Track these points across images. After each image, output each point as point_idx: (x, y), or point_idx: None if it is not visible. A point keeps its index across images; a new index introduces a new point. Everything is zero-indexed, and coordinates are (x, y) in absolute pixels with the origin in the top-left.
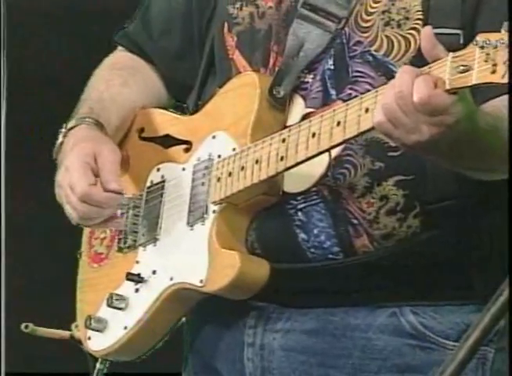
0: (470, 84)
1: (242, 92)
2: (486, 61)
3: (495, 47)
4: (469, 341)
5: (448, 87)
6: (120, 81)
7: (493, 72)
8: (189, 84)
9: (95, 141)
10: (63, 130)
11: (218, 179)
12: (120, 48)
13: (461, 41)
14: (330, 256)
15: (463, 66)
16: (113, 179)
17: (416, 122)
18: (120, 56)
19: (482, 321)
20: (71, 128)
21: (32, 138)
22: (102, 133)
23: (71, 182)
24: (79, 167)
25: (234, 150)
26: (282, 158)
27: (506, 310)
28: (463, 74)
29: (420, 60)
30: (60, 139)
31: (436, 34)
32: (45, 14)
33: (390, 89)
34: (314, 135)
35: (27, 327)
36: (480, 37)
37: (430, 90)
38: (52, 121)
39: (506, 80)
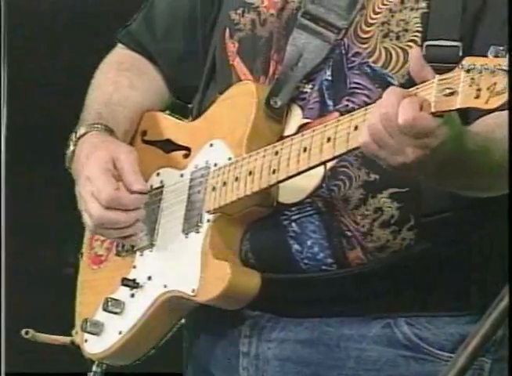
0: (454, 108)
1: (239, 100)
2: (471, 86)
3: (480, 72)
4: (468, 348)
5: (433, 110)
6: (127, 83)
7: (477, 97)
8: (192, 85)
9: (109, 146)
10: (73, 138)
11: (213, 188)
12: (120, 45)
13: (460, 54)
14: (324, 267)
15: (448, 89)
16: (136, 180)
17: (401, 144)
18: (123, 55)
19: (482, 328)
20: (81, 136)
21: (33, 139)
22: (113, 137)
23: (96, 190)
24: (101, 174)
25: (230, 159)
26: (274, 171)
27: (506, 317)
28: (449, 98)
29: None
30: (71, 147)
31: (435, 46)
32: (46, 15)
33: (376, 110)
34: (305, 149)
35: (27, 333)
36: (466, 61)
37: (416, 112)
38: (51, 122)
39: (489, 106)
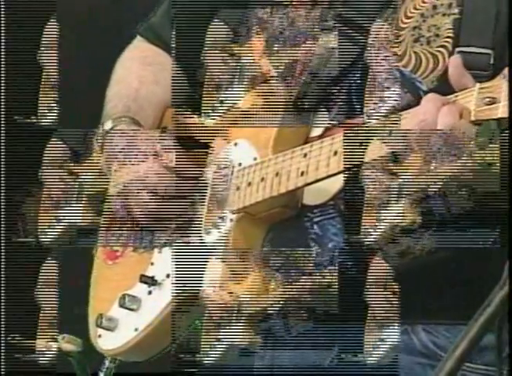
0: (495, 118)
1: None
2: None
3: None
4: (456, 352)
5: (473, 118)
6: (152, 78)
7: None
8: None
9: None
10: (101, 132)
11: (237, 188)
12: (140, 38)
13: (491, 61)
14: (343, 271)
15: (489, 98)
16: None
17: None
18: (146, 49)
19: (470, 332)
20: (109, 130)
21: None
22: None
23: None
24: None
25: (255, 159)
26: (302, 173)
27: (493, 321)
28: (489, 106)
29: (446, 79)
30: (100, 141)
31: (466, 53)
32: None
33: (413, 117)
34: (336, 153)
35: (13, 339)
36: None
37: (455, 120)
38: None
39: None
